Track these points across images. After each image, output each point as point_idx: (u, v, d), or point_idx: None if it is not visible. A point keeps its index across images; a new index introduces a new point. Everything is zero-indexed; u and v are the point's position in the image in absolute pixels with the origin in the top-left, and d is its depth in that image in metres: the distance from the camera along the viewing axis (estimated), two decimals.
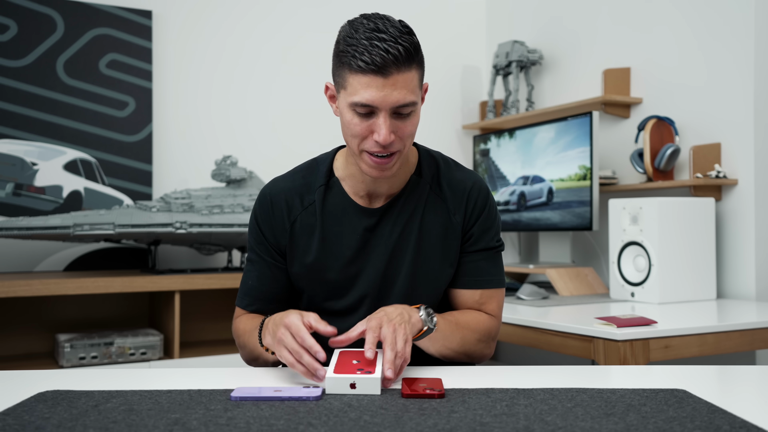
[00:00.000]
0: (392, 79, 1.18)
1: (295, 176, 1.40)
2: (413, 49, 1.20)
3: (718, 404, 0.97)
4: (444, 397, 1.02)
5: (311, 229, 1.36)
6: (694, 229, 2.35)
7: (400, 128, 1.23)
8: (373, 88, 1.18)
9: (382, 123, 1.20)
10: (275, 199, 1.38)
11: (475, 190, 1.38)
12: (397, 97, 1.19)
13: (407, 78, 1.20)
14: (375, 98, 1.19)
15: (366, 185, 1.35)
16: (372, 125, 1.22)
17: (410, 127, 1.24)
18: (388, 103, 1.19)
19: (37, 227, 2.42)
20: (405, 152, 1.27)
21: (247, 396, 1.00)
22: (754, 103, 2.37)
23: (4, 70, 2.65)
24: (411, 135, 1.26)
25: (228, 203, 2.63)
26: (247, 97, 3.08)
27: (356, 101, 1.20)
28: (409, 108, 1.22)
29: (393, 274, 1.35)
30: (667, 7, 2.66)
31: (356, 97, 1.20)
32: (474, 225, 1.38)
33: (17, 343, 2.60)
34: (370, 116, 1.22)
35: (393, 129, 1.22)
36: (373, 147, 1.23)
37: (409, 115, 1.23)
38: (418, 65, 1.23)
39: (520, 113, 3.14)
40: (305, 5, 3.18)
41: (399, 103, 1.20)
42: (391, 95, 1.19)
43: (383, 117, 1.20)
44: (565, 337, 1.91)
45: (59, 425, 0.87)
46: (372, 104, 1.19)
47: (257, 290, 1.40)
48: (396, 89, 1.19)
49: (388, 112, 1.20)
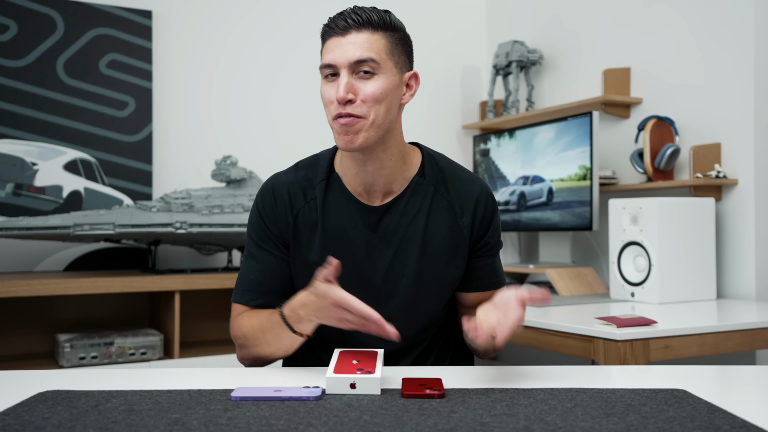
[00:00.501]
0: (351, 38, 1.25)
1: (297, 171, 1.40)
2: (381, 20, 1.27)
3: (718, 404, 0.97)
4: (444, 397, 1.02)
5: (313, 225, 1.36)
6: (694, 229, 2.35)
7: (361, 89, 1.25)
8: (334, 49, 1.26)
9: (341, 81, 1.24)
10: (278, 192, 1.37)
11: (484, 197, 1.40)
12: (354, 53, 1.24)
13: (370, 38, 1.25)
14: (335, 56, 1.25)
15: (360, 178, 1.34)
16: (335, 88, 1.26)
17: (372, 89, 1.25)
18: (345, 58, 1.24)
19: (37, 227, 2.42)
20: (373, 122, 1.26)
21: (247, 396, 1.00)
22: (754, 103, 2.37)
23: (4, 70, 2.65)
24: (375, 99, 1.25)
25: (228, 203, 2.63)
26: (248, 97, 3.08)
27: (321, 64, 1.27)
28: (368, 65, 1.25)
29: (397, 275, 1.35)
30: (667, 7, 2.66)
31: (322, 60, 1.27)
32: (487, 232, 1.39)
33: (17, 343, 2.60)
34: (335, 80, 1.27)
35: (351, 88, 1.24)
36: (334, 110, 1.26)
37: (371, 75, 1.25)
38: (386, 34, 1.27)
39: (520, 113, 3.14)
40: (305, 5, 3.18)
41: (355, 59, 1.24)
42: (348, 51, 1.24)
43: (344, 74, 1.25)
44: (565, 337, 1.91)
45: (59, 425, 0.87)
46: (331, 62, 1.25)
47: (261, 284, 1.37)
48: (354, 46, 1.24)
49: (347, 70, 1.25)
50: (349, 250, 1.34)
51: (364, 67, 1.24)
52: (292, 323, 1.23)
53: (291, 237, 1.36)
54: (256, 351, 1.32)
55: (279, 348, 1.28)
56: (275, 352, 1.30)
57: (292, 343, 1.26)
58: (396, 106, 1.30)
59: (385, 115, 1.27)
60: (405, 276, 1.35)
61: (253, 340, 1.31)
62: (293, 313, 1.23)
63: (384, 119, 1.27)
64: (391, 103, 1.28)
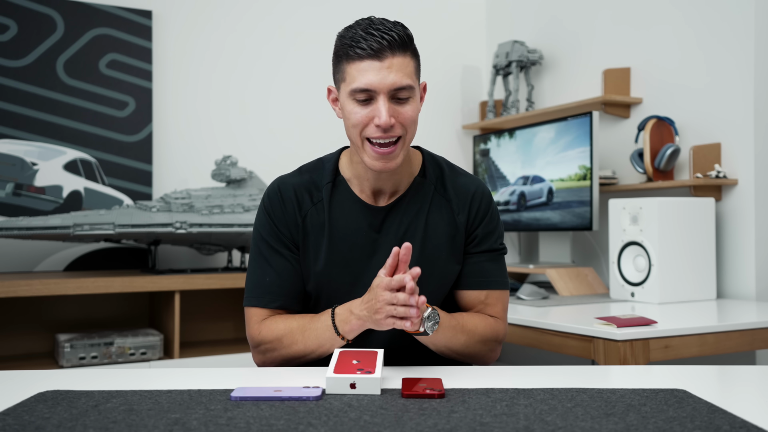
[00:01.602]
0: (388, 62, 1.23)
1: (302, 174, 1.42)
2: (407, 37, 1.26)
3: (718, 404, 0.97)
4: (444, 397, 1.02)
5: (321, 226, 1.37)
6: (694, 229, 2.35)
7: (400, 113, 1.26)
8: (370, 72, 1.23)
9: (381, 106, 1.24)
10: (285, 194, 1.39)
11: (479, 194, 1.42)
12: (394, 79, 1.24)
13: (403, 62, 1.25)
14: (373, 81, 1.23)
15: (371, 183, 1.37)
16: (372, 111, 1.26)
17: (410, 112, 1.27)
18: (385, 85, 1.24)
19: (37, 227, 2.42)
20: (408, 141, 1.30)
21: (247, 396, 1.00)
22: (754, 103, 2.37)
23: (4, 70, 2.65)
24: (412, 122, 1.29)
25: (228, 203, 2.63)
26: (247, 97, 3.08)
27: (355, 87, 1.25)
28: (407, 92, 1.26)
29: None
30: (667, 7, 2.66)
31: (355, 83, 1.25)
32: (478, 227, 1.41)
33: (17, 343, 2.60)
34: (370, 102, 1.26)
35: (392, 113, 1.25)
36: (375, 132, 1.26)
37: (407, 100, 1.27)
38: (413, 54, 1.28)
39: (520, 113, 3.14)
40: (305, 5, 3.18)
41: (396, 86, 1.24)
42: (388, 77, 1.23)
43: (382, 100, 1.24)
44: (565, 337, 1.91)
45: (59, 425, 0.87)
46: (370, 88, 1.24)
47: (280, 286, 1.36)
48: (392, 72, 1.24)
49: (386, 95, 1.24)
50: (355, 250, 1.37)
51: (402, 94, 1.26)
52: (339, 322, 1.25)
53: (301, 239, 1.38)
54: (288, 352, 1.31)
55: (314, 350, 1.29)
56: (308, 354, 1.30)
57: (331, 346, 1.28)
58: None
59: (415, 132, 1.32)
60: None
61: (289, 341, 1.31)
62: (344, 311, 1.25)
63: (413, 136, 1.32)
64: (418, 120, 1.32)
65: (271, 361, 1.35)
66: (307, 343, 1.29)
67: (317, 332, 1.28)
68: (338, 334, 1.26)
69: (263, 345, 1.34)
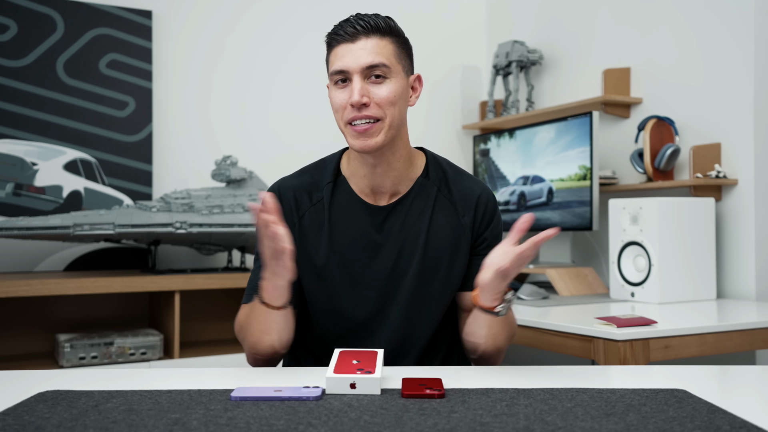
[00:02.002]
0: (361, 44, 1.29)
1: (303, 175, 1.44)
2: (386, 25, 1.31)
3: (718, 404, 0.97)
4: (444, 397, 1.02)
5: (320, 226, 1.37)
6: (694, 229, 2.35)
7: (374, 93, 1.29)
8: (346, 55, 1.29)
9: (354, 85, 1.28)
10: (284, 195, 1.40)
11: (485, 197, 1.43)
12: (366, 58, 1.28)
13: (379, 44, 1.29)
14: (347, 62, 1.28)
15: (368, 179, 1.37)
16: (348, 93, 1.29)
17: (385, 93, 1.29)
18: (358, 64, 1.28)
19: (37, 227, 2.42)
20: (390, 124, 1.31)
21: (247, 396, 1.00)
22: (754, 103, 2.37)
23: (4, 70, 2.65)
24: (388, 102, 1.30)
25: (228, 203, 2.63)
26: (247, 97, 3.08)
27: (332, 70, 1.31)
28: (380, 69, 1.29)
29: (401, 273, 1.36)
30: (667, 7, 2.66)
31: (333, 66, 1.31)
32: (486, 230, 1.42)
33: (17, 343, 2.60)
34: (347, 85, 1.30)
35: (364, 92, 1.28)
36: (350, 113, 1.29)
37: (383, 80, 1.29)
38: (394, 40, 1.32)
39: (520, 113, 3.14)
40: (305, 5, 3.18)
41: (368, 64, 1.28)
42: (360, 57, 1.28)
43: (355, 79, 1.28)
44: (565, 337, 1.91)
45: (59, 425, 0.87)
46: (344, 68, 1.29)
47: None
48: (366, 52, 1.28)
49: (360, 75, 1.28)
50: (356, 249, 1.36)
51: (377, 71, 1.29)
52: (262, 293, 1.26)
53: (297, 239, 1.37)
54: (249, 339, 1.33)
55: (259, 329, 1.29)
56: (260, 336, 1.30)
57: (267, 319, 1.27)
58: (405, 108, 1.35)
59: (399, 116, 1.32)
60: (409, 274, 1.36)
61: (246, 329, 1.33)
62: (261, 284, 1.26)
63: (398, 120, 1.32)
64: (402, 106, 1.33)
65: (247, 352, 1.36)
66: (253, 324, 1.30)
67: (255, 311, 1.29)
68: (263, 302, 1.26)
69: (238, 336, 1.38)
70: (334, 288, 1.37)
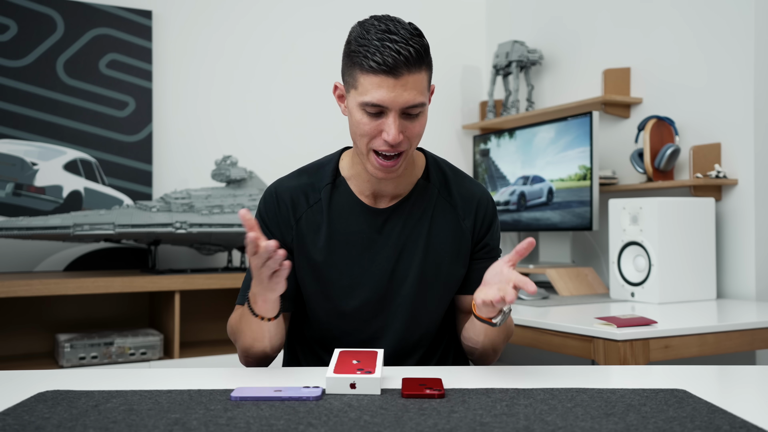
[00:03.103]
0: (403, 80, 1.21)
1: (301, 176, 1.42)
2: (423, 51, 1.23)
3: (718, 404, 0.97)
4: (444, 397, 1.02)
5: (317, 227, 1.36)
6: (694, 229, 2.35)
7: (409, 128, 1.25)
8: (384, 89, 1.21)
9: (391, 123, 1.23)
10: (281, 197, 1.39)
11: (485, 200, 1.43)
12: (407, 97, 1.22)
13: (417, 79, 1.22)
14: (385, 98, 1.21)
15: (371, 185, 1.36)
16: (381, 125, 1.24)
17: (418, 128, 1.27)
18: (398, 103, 1.22)
19: (37, 227, 2.42)
20: (410, 153, 1.30)
21: (247, 396, 1.00)
22: (754, 103, 2.37)
23: (4, 70, 2.65)
24: (418, 135, 1.28)
25: (228, 203, 2.63)
26: (248, 97, 3.08)
27: (367, 101, 1.22)
28: (418, 109, 1.24)
29: (401, 275, 1.36)
30: (667, 7, 2.66)
31: (367, 97, 1.22)
32: (486, 234, 1.42)
33: (17, 343, 2.60)
34: (380, 116, 1.24)
35: (402, 129, 1.24)
36: (382, 146, 1.25)
37: (417, 115, 1.26)
38: (427, 67, 1.25)
39: (520, 113, 3.14)
40: (305, 5, 3.18)
41: (409, 104, 1.22)
42: (402, 96, 1.21)
43: (393, 117, 1.23)
44: (565, 337, 1.91)
45: (59, 425, 0.87)
46: (382, 104, 1.22)
47: None
48: (406, 90, 1.21)
49: (397, 112, 1.23)
50: (355, 251, 1.35)
51: (415, 111, 1.24)
52: (252, 304, 1.24)
53: (295, 241, 1.37)
54: (241, 343, 1.33)
55: (252, 336, 1.29)
56: (252, 343, 1.30)
57: (258, 328, 1.27)
58: None
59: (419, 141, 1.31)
60: (409, 277, 1.36)
61: (237, 333, 1.33)
62: (252, 296, 1.24)
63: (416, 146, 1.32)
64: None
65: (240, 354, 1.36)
66: (245, 332, 1.30)
67: (246, 318, 1.28)
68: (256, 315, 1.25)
69: (232, 336, 1.38)
70: (334, 290, 1.36)
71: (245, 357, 1.35)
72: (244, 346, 1.32)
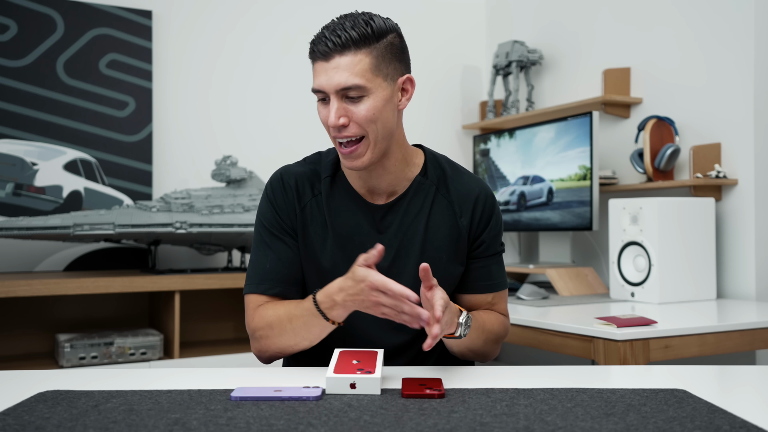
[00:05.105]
0: (334, 63, 1.24)
1: (306, 164, 1.43)
2: (361, 35, 1.24)
3: (718, 404, 0.97)
4: (444, 397, 1.02)
5: (318, 219, 1.37)
6: (694, 229, 2.35)
7: (353, 112, 1.26)
8: (320, 74, 1.26)
9: (331, 106, 1.26)
10: (287, 182, 1.39)
11: (483, 197, 1.40)
12: (339, 79, 1.24)
13: (352, 61, 1.24)
14: (321, 82, 1.26)
15: (363, 180, 1.36)
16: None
17: (363, 112, 1.26)
18: (331, 85, 1.25)
19: (37, 227, 2.42)
20: (375, 140, 1.27)
21: (247, 396, 1.00)
22: (754, 103, 2.37)
23: (4, 70, 2.65)
24: (367, 120, 1.26)
25: (228, 203, 2.63)
26: (247, 97, 3.08)
27: (312, 88, 1.29)
28: (355, 91, 1.25)
29: (397, 273, 1.35)
30: (667, 7, 2.66)
31: (313, 84, 1.29)
32: (483, 232, 1.40)
33: (17, 343, 2.60)
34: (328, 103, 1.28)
35: (342, 113, 1.26)
36: (333, 132, 1.28)
37: (359, 99, 1.26)
38: (370, 50, 1.25)
39: (520, 113, 3.14)
40: (305, 5, 3.18)
41: (341, 86, 1.24)
42: (333, 78, 1.25)
43: (332, 100, 1.26)
44: (565, 337, 1.91)
45: (59, 425, 0.87)
46: (320, 89, 1.27)
47: (279, 272, 1.35)
48: (338, 72, 1.24)
49: (336, 96, 1.26)
50: (352, 247, 1.35)
51: (351, 93, 1.25)
52: (325, 309, 1.22)
53: (300, 227, 1.37)
54: (280, 341, 1.29)
55: (305, 337, 1.27)
56: (300, 342, 1.28)
57: (321, 332, 1.25)
58: (393, 116, 1.30)
59: (383, 130, 1.28)
60: (405, 274, 1.35)
61: (278, 330, 1.29)
62: (327, 299, 1.22)
63: (384, 134, 1.29)
64: (386, 118, 1.28)
65: (266, 348, 1.32)
66: (297, 331, 1.27)
67: (304, 320, 1.26)
68: (327, 319, 1.23)
69: (258, 331, 1.32)
70: None
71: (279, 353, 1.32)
72: (287, 344, 1.29)
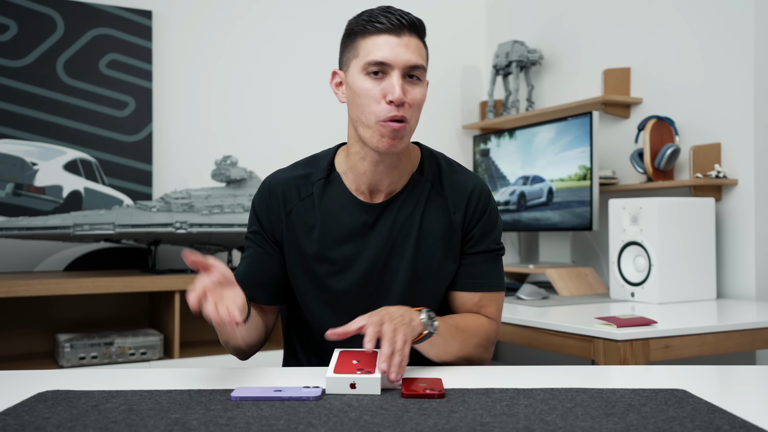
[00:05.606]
0: (405, 39, 1.25)
1: (295, 169, 1.41)
2: (422, 26, 1.29)
3: (718, 404, 0.97)
4: (444, 397, 1.02)
5: (308, 222, 1.36)
6: (694, 229, 2.35)
7: (411, 93, 1.26)
8: (387, 47, 1.24)
9: (395, 81, 1.24)
10: (273, 189, 1.39)
11: (477, 192, 1.39)
12: (410, 56, 1.24)
13: (418, 44, 1.27)
14: (389, 55, 1.24)
15: (368, 177, 1.34)
16: (385, 88, 1.24)
17: (418, 95, 1.27)
18: (401, 60, 1.24)
19: (37, 227, 2.42)
20: (411, 129, 1.29)
21: (247, 396, 1.00)
22: (754, 103, 2.37)
23: (4, 70, 2.65)
24: (419, 106, 1.28)
25: (228, 203, 2.64)
26: (247, 97, 3.08)
27: (371, 60, 1.24)
28: (419, 72, 1.26)
29: (391, 271, 1.35)
30: (667, 7, 2.66)
31: (370, 56, 1.24)
32: (475, 227, 1.38)
33: (17, 343, 2.60)
34: (382, 78, 1.25)
35: (405, 90, 1.25)
36: (386, 111, 1.24)
37: (418, 82, 1.27)
38: (425, 45, 1.30)
39: (520, 113, 3.14)
40: (305, 5, 3.18)
41: (411, 63, 1.24)
42: (404, 53, 1.24)
43: (396, 76, 1.24)
44: (565, 337, 1.91)
45: (59, 425, 0.87)
46: (386, 61, 1.24)
47: (247, 275, 1.39)
48: (409, 49, 1.24)
49: (400, 72, 1.24)
50: (347, 246, 1.35)
51: (417, 72, 1.25)
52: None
53: (284, 234, 1.37)
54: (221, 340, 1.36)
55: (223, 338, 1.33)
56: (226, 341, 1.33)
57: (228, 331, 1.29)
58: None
59: (417, 121, 1.31)
60: (401, 272, 1.34)
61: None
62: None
63: (415, 125, 1.31)
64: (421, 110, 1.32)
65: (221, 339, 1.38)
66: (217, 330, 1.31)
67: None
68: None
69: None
70: (326, 285, 1.36)
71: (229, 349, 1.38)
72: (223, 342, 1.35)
